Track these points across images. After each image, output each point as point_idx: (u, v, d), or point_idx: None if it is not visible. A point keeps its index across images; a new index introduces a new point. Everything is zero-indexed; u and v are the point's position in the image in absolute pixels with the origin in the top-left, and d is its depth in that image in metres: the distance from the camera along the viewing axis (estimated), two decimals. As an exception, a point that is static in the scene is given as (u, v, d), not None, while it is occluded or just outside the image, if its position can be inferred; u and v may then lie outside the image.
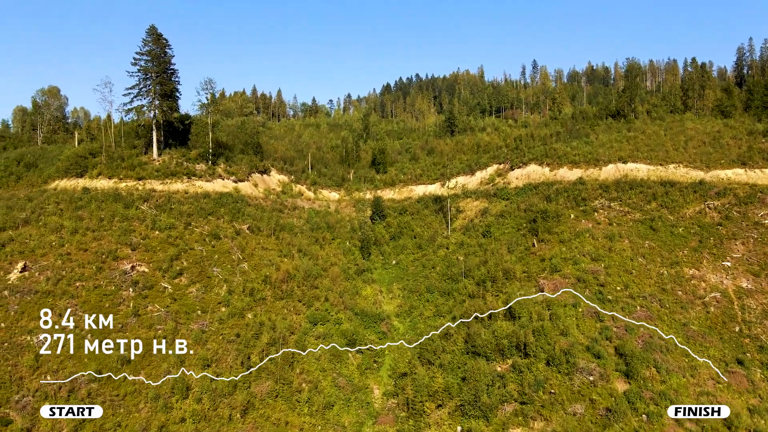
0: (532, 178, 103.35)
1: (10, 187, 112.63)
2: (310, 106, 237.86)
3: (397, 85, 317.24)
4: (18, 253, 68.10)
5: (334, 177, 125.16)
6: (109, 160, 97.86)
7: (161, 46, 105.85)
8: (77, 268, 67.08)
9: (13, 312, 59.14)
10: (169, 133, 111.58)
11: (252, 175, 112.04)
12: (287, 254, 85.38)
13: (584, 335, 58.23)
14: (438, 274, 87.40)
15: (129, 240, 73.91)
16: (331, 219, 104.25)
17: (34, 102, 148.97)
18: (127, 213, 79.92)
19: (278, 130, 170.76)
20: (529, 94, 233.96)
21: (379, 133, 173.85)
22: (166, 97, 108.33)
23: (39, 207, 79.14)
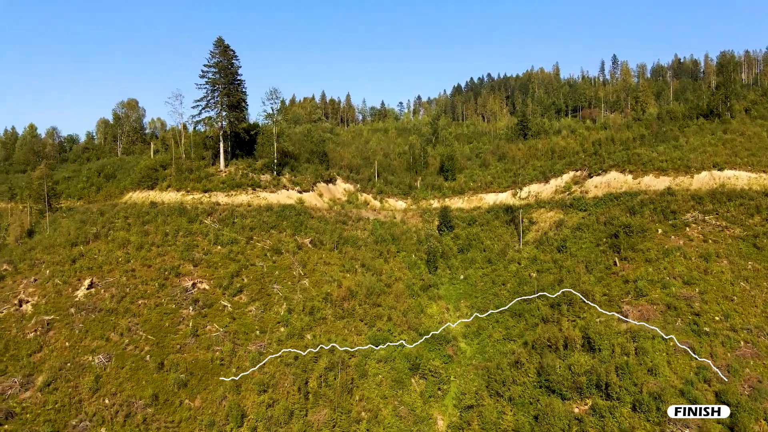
0: (612, 187, 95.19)
1: (90, 197, 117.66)
2: (378, 110, 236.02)
3: (468, 85, 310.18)
4: (87, 269, 69.29)
5: (401, 185, 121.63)
6: (178, 173, 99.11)
7: (228, 58, 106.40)
8: (140, 285, 67.24)
9: (78, 330, 59.65)
10: (236, 144, 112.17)
11: (317, 184, 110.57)
12: (350, 269, 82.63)
13: (677, 375, 51.17)
14: (508, 291, 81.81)
15: (191, 256, 73.61)
16: (396, 230, 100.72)
17: (114, 114, 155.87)
18: (191, 227, 79.95)
19: (345, 136, 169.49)
20: (608, 91, 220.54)
21: (448, 137, 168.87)
22: (233, 108, 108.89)
23: (109, 222, 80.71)
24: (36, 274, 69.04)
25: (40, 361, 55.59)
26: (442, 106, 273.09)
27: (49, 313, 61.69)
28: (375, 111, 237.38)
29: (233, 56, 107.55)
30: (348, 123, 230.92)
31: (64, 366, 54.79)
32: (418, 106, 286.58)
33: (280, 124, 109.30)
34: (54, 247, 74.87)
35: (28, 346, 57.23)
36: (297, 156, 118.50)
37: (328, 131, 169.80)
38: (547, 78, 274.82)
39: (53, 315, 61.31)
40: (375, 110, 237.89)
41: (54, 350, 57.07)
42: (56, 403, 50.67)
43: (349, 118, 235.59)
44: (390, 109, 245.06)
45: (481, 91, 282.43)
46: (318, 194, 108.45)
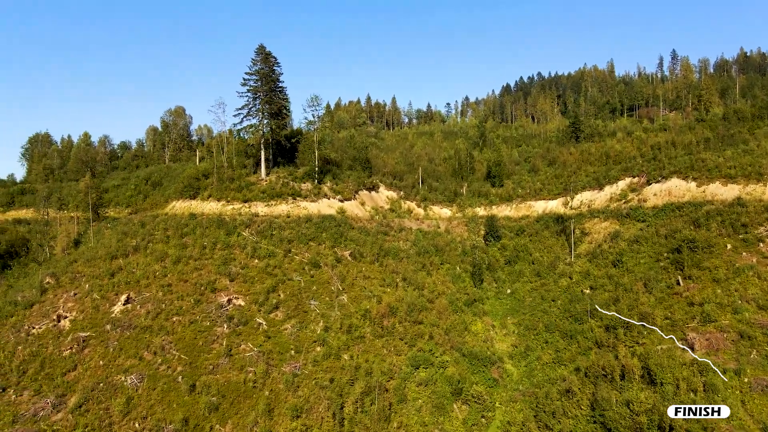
0: (674, 196, 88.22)
1: (137, 204, 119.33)
2: (424, 113, 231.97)
3: (517, 85, 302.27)
4: (125, 283, 68.78)
5: (446, 192, 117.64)
6: (219, 182, 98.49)
7: (269, 65, 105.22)
8: (176, 301, 66.10)
9: (112, 348, 58.83)
10: (278, 151, 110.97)
11: (359, 192, 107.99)
12: (390, 283, 79.42)
13: (754, 419, 45.29)
14: (559, 309, 76.69)
15: (228, 270, 72.14)
16: (440, 241, 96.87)
17: (162, 122, 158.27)
18: (229, 240, 78.64)
19: (390, 140, 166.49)
20: (667, 89, 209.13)
21: (495, 140, 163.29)
22: (274, 116, 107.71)
23: (149, 234, 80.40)
24: (76, 287, 69.06)
25: (74, 381, 54.91)
26: (490, 107, 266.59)
27: (86, 329, 61.22)
28: (421, 113, 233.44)
29: (275, 63, 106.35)
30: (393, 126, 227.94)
31: (96, 386, 53.87)
32: (465, 107, 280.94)
33: (321, 131, 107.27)
34: (95, 259, 74.97)
35: (63, 364, 56.73)
36: (339, 163, 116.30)
37: (372, 135, 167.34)
38: (600, 76, 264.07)
39: (89, 332, 60.78)
40: (421, 112, 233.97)
41: (88, 369, 56.34)
42: (86, 427, 49.61)
43: (395, 120, 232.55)
44: (436, 111, 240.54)
45: (531, 91, 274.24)
46: (360, 203, 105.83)
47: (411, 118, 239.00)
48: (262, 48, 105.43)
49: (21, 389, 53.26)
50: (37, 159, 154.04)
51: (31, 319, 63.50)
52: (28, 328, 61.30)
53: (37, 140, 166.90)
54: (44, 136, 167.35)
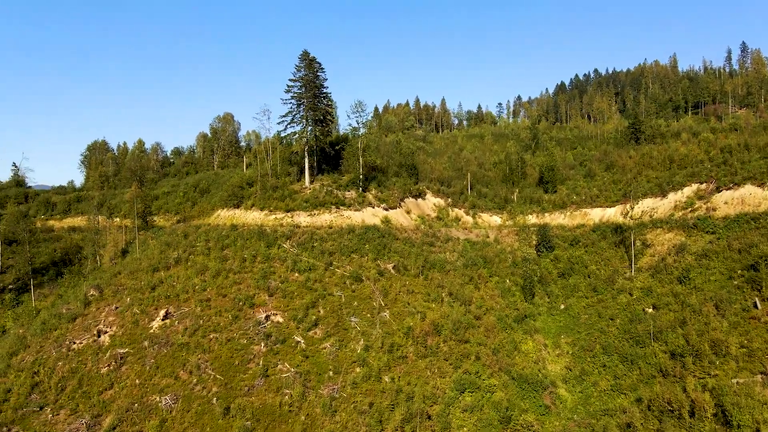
0: (748, 205, 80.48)
1: (186, 212, 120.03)
2: (475, 114, 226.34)
3: (572, 83, 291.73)
4: (164, 297, 68.11)
5: (496, 198, 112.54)
6: (263, 191, 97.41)
7: (313, 71, 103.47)
8: (214, 317, 64.76)
9: (149, 367, 57.89)
10: (323, 158, 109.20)
11: (404, 200, 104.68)
12: (435, 298, 75.75)
13: None
14: (618, 329, 71.01)
15: (267, 284, 70.38)
16: (489, 251, 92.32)
17: (211, 128, 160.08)
18: (269, 252, 77.00)
19: (438, 143, 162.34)
20: (737, 84, 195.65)
21: (548, 143, 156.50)
22: (318, 123, 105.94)
23: (190, 245, 79.82)
24: (118, 301, 68.94)
25: (110, 400, 54.15)
26: (543, 107, 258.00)
27: (124, 345, 60.64)
28: (471, 115, 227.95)
29: (319, 69, 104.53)
30: (442, 129, 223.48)
31: (131, 407, 52.87)
32: (518, 107, 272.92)
33: (366, 137, 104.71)
34: (138, 272, 74.86)
35: (100, 382, 56.15)
36: (385, 169, 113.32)
37: (420, 139, 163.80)
38: (662, 71, 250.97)
39: (128, 348, 60.16)
40: (471, 114, 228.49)
41: (124, 387, 55.50)
42: (119, 450, 48.53)
43: (444, 123, 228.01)
44: (487, 113, 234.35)
45: (587, 89, 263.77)
46: (405, 211, 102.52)
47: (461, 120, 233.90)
48: (306, 54, 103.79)
49: (58, 408, 52.88)
50: (94, 166, 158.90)
51: (74, 333, 63.56)
52: (69, 343, 61.29)
53: (95, 148, 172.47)
54: (101, 144, 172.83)
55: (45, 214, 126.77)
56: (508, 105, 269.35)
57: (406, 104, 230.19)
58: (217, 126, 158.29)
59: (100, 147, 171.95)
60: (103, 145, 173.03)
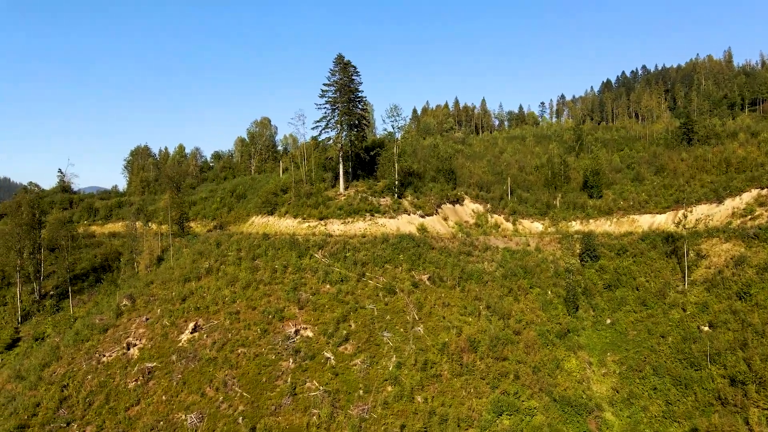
0: (816, 213, 74.09)
1: (222, 217, 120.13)
2: (516, 115, 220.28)
3: (619, 80, 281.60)
4: (194, 309, 67.15)
5: (537, 204, 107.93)
6: (296, 198, 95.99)
7: (348, 75, 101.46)
8: (243, 330, 63.31)
9: (176, 382, 56.80)
10: (358, 164, 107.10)
11: (442, 206, 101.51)
12: (472, 312, 72.42)
13: None
14: (670, 348, 66.21)
15: (298, 296, 68.54)
16: (529, 261, 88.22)
17: (249, 133, 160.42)
18: (301, 263, 75.21)
19: (478, 146, 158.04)
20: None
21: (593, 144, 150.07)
22: (353, 128, 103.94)
23: (222, 255, 78.89)
24: (149, 312, 68.42)
25: (136, 417, 53.24)
26: (588, 106, 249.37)
27: (153, 359, 59.83)
28: (512, 115, 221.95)
29: (354, 72, 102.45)
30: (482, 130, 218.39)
31: (156, 425, 51.78)
32: (561, 107, 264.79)
33: (402, 142, 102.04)
34: (170, 281, 74.34)
35: (127, 397, 55.36)
36: (421, 174, 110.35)
37: (459, 141, 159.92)
38: (716, 67, 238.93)
39: (156, 362, 59.30)
40: (512, 114, 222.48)
41: (151, 404, 54.53)
42: (143, 471, 47.37)
43: (485, 124, 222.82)
44: (529, 113, 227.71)
45: (635, 86, 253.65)
46: (442, 218, 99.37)
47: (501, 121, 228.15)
48: (341, 57, 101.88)
49: (84, 424, 52.27)
50: (136, 171, 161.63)
51: (104, 344, 63.23)
52: (99, 356, 60.92)
53: (138, 153, 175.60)
54: (144, 149, 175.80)
55: (88, 219, 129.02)
56: (551, 104, 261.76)
57: (445, 106, 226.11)
58: (254, 130, 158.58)
59: (142, 152, 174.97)
60: (146, 150, 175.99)
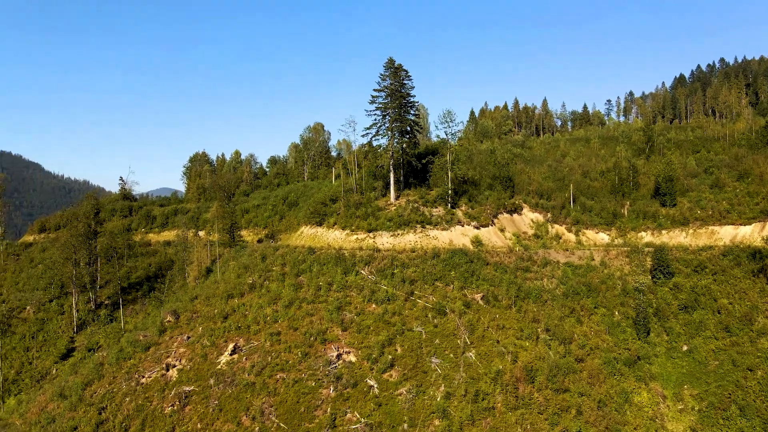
0: None
1: (274, 225, 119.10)
2: (580, 115, 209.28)
3: (693, 75, 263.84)
4: (235, 328, 64.97)
5: (603, 213, 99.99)
6: (346, 208, 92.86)
7: (399, 80, 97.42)
8: (283, 353, 60.37)
9: (212, 408, 54.47)
10: (410, 172, 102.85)
11: (498, 216, 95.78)
12: (529, 335, 66.67)
13: None
14: (759, 384, 58.27)
15: (341, 317, 65.02)
16: (594, 277, 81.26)
17: (302, 139, 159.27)
18: (346, 280, 71.75)
19: (538, 149, 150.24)
20: None
21: (666, 145, 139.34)
22: (404, 134, 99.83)
23: (267, 270, 76.58)
24: (191, 330, 66.82)
25: (170, 445, 51.16)
26: (659, 103, 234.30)
27: (191, 382, 57.87)
28: (576, 115, 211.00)
29: (405, 77, 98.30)
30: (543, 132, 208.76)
31: (190, 455, 49.46)
32: (629, 104, 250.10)
33: (456, 149, 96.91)
34: (213, 297, 72.66)
35: (163, 423, 53.50)
36: (477, 182, 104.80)
37: (518, 145, 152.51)
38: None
39: (193, 385, 57.27)
40: (576, 114, 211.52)
41: (186, 432, 52.37)
42: (173, 507, 45.01)
43: (546, 125, 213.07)
44: (594, 112, 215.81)
45: (712, 81, 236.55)
46: (499, 229, 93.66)
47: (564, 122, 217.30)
48: (391, 62, 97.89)
49: (119, 451, 50.65)
50: (193, 178, 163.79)
51: (145, 363, 61.94)
52: (139, 376, 59.55)
53: (196, 159, 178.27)
54: (201, 155, 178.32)
55: (145, 227, 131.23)
56: (618, 102, 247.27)
57: (504, 107, 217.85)
58: (307, 136, 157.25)
59: (200, 158, 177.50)
60: (203, 157, 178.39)
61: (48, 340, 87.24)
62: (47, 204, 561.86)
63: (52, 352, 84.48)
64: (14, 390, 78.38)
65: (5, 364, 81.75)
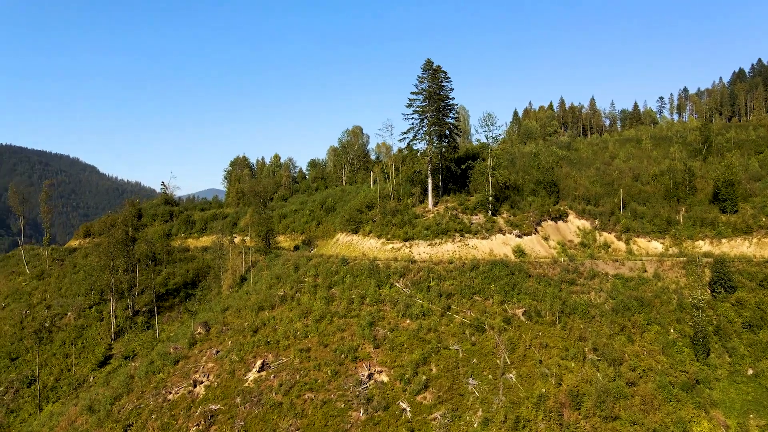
0: None
1: (311, 231, 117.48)
2: (630, 113, 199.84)
3: (754, 69, 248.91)
4: (264, 343, 62.99)
5: (656, 219, 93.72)
6: (382, 215, 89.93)
7: (437, 82, 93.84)
8: (313, 371, 57.89)
9: (237, 429, 52.41)
10: (449, 177, 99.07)
11: (542, 224, 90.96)
12: (575, 355, 62.09)
13: None
14: (838, 417, 52.03)
15: (374, 333, 62.14)
16: (646, 291, 75.78)
17: (340, 142, 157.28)
18: (379, 294, 68.82)
19: (585, 151, 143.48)
20: None
21: (725, 146, 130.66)
22: (443, 138, 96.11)
23: (299, 281, 74.47)
24: (220, 344, 65.21)
25: (194, 468, 49.36)
26: (716, 99, 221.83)
27: (217, 400, 56.12)
28: (626, 114, 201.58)
29: (444, 79, 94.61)
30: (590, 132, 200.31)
31: (213, 480, 47.49)
32: (683, 101, 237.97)
33: (497, 153, 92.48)
34: (244, 309, 71.01)
35: (187, 443, 51.79)
36: (519, 187, 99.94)
37: (564, 146, 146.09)
38: None
39: (220, 404, 55.49)
40: (626, 113, 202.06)
41: (210, 454, 50.49)
42: None
43: (594, 125, 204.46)
44: (646, 111, 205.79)
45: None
46: (542, 237, 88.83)
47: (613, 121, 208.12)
48: (429, 63, 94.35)
49: (142, 473, 49.20)
50: (233, 182, 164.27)
51: (173, 378, 60.63)
52: (166, 392, 58.23)
53: (237, 163, 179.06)
54: (242, 159, 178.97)
55: (185, 232, 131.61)
56: (671, 99, 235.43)
57: (549, 106, 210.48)
58: (346, 140, 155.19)
59: (240, 162, 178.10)
60: (243, 161, 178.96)
61: (87, 347, 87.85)
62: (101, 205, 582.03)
63: (90, 359, 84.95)
64: (53, 397, 79.01)
65: (45, 372, 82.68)
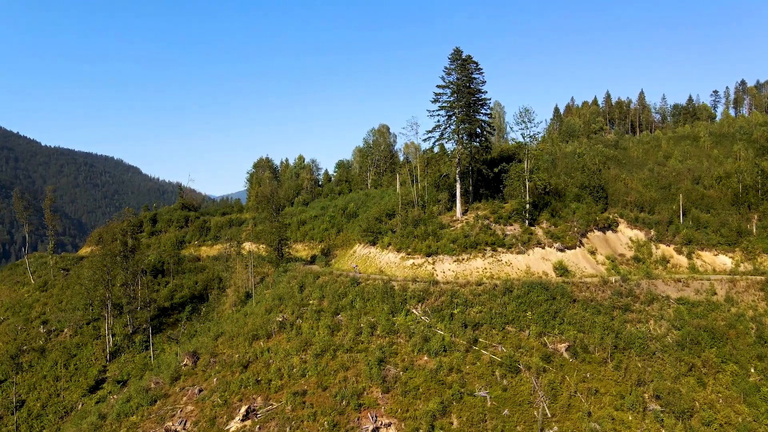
0: None
1: (330, 239, 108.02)
2: (683, 108, 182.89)
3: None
4: (253, 383, 53.14)
5: (723, 229, 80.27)
6: (403, 225, 79.24)
7: (467, 74, 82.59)
8: (307, 422, 47.67)
9: (210, 498, 42.66)
10: (480, 181, 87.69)
11: (588, 235, 78.78)
12: (633, 405, 50.05)
13: None
14: None
15: (384, 373, 51.47)
16: (717, 319, 62.85)
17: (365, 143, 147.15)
18: (393, 322, 58.13)
19: (635, 150, 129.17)
20: None
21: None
22: (473, 138, 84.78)
23: (302, 303, 64.40)
24: (205, 380, 55.78)
25: None
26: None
27: (192, 455, 46.48)
28: (679, 109, 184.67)
29: (474, 70, 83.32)
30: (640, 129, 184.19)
31: None
32: (740, 95, 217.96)
33: (535, 155, 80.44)
34: (238, 337, 61.41)
35: None
36: (561, 192, 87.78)
37: (611, 145, 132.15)
38: None
39: (193, 461, 45.83)
40: (679, 108, 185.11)
41: None
42: None
43: (644, 121, 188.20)
44: (702, 105, 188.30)
45: None
46: (588, 251, 76.61)
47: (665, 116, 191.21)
48: (458, 52, 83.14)
49: None
50: (254, 185, 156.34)
51: (147, 423, 51.44)
52: (135, 442, 49.01)
53: (260, 165, 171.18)
54: (265, 161, 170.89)
55: (198, 239, 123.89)
56: (727, 92, 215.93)
57: (593, 102, 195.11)
58: (371, 140, 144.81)
59: (263, 164, 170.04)
60: (267, 163, 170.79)
61: (80, 369, 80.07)
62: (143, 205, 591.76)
63: (81, 383, 76.96)
64: (36, 427, 71.44)
65: (32, 396, 75.40)
